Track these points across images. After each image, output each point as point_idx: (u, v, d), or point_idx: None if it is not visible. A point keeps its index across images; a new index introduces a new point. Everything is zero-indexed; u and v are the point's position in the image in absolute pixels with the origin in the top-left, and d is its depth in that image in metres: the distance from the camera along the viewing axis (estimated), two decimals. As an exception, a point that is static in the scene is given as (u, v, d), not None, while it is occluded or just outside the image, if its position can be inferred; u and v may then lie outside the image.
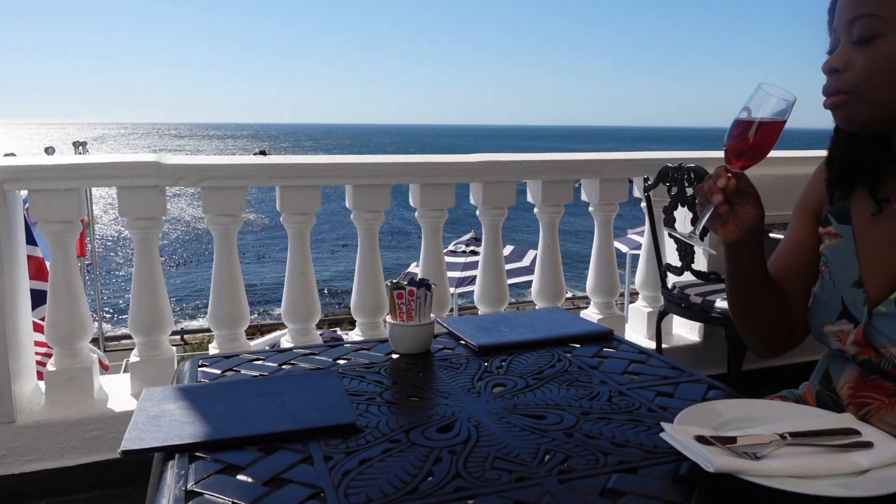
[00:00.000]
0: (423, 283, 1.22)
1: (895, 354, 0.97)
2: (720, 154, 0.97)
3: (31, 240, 3.09)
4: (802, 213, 1.18)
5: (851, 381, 1.07)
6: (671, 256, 2.82)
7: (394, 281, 1.23)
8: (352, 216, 2.50)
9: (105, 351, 9.28)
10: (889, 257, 1.02)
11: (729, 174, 0.96)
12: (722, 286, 2.58)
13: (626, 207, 2.97)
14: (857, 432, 0.82)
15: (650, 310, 2.99)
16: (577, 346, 1.27)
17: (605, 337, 1.32)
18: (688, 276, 2.66)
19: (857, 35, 0.94)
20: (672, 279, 2.75)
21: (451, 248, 10.22)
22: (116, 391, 2.33)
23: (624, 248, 10.32)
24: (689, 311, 2.58)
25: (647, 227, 2.89)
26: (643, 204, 2.83)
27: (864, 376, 1.04)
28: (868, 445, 0.80)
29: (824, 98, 0.99)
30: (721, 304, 2.44)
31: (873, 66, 0.94)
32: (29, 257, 2.51)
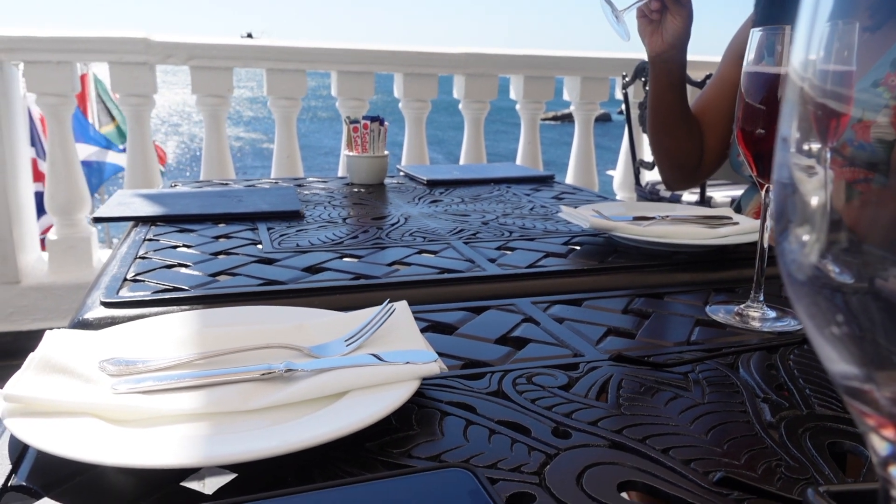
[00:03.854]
0: (377, 119, 1.33)
1: None
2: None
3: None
4: (731, 53, 1.27)
5: (756, 206, 1.19)
6: (646, 154, 2.90)
7: (349, 116, 1.33)
8: (336, 104, 2.59)
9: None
10: None
11: None
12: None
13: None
14: (730, 217, 0.94)
15: (626, 209, 3.10)
16: (519, 185, 1.38)
17: (546, 179, 1.43)
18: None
19: None
20: (646, 177, 2.85)
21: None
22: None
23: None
24: (659, 205, 2.69)
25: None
26: (622, 103, 2.90)
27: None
28: (735, 224, 0.92)
29: None
30: (688, 197, 2.53)
31: None
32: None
